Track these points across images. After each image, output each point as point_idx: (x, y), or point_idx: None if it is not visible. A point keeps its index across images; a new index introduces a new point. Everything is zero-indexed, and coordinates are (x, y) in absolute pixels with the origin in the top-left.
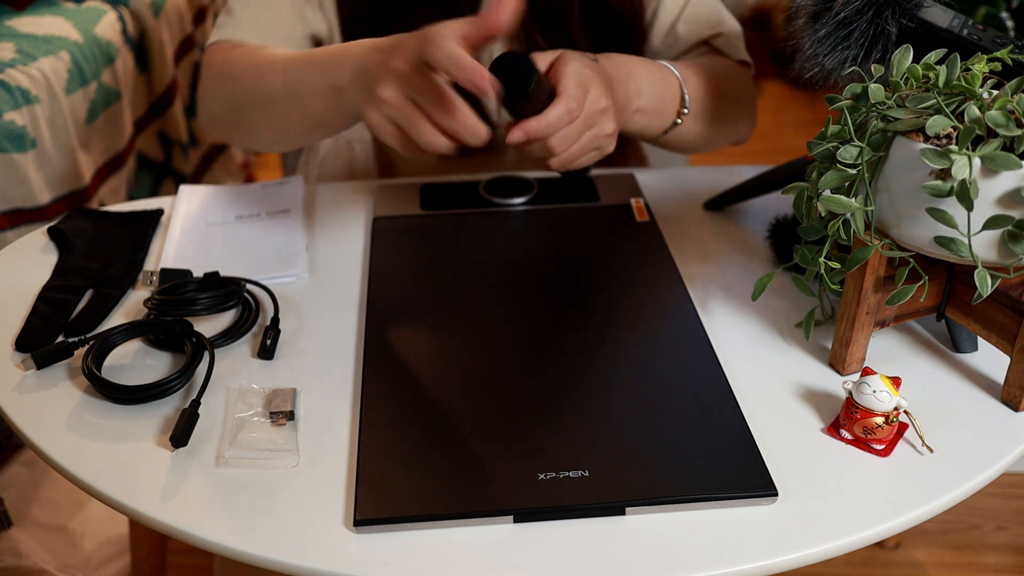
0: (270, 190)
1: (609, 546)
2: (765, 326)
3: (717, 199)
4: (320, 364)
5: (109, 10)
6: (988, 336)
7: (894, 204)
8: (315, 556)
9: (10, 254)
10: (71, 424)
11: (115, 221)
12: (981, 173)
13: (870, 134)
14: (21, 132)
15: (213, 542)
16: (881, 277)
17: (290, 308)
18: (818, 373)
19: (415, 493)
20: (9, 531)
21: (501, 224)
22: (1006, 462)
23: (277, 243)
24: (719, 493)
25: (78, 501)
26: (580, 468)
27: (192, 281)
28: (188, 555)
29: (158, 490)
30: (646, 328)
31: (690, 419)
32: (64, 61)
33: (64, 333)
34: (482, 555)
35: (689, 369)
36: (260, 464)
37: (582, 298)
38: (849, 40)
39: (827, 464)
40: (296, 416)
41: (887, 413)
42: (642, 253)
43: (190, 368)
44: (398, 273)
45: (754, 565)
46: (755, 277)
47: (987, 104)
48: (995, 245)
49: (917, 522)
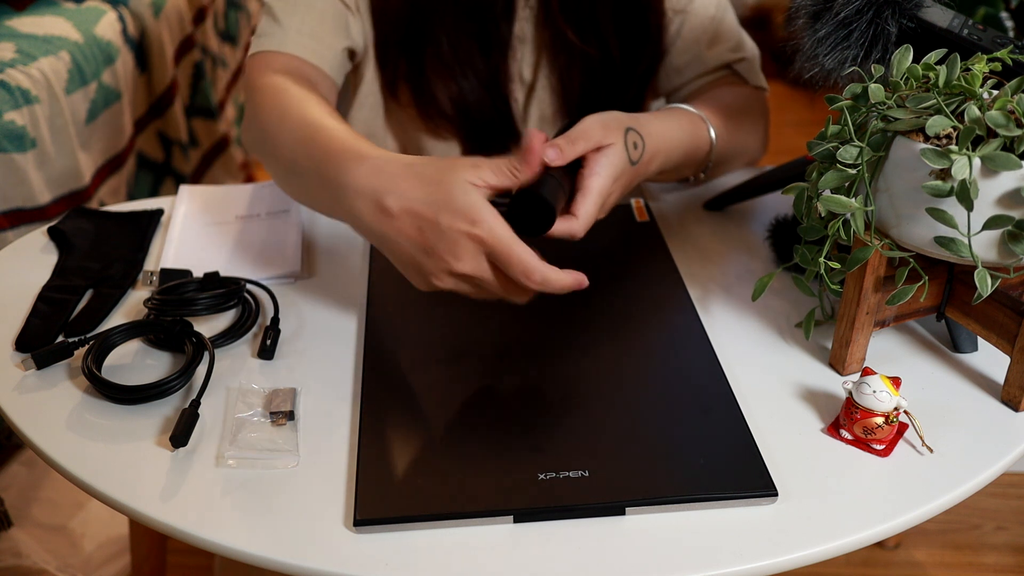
0: (270, 190)
1: (609, 546)
2: (765, 326)
3: (717, 199)
4: (320, 364)
5: (109, 10)
6: (988, 336)
7: (894, 204)
8: (315, 556)
9: (10, 254)
10: (71, 424)
11: (115, 221)
12: (981, 173)
13: (870, 134)
14: (21, 132)
15: (213, 542)
16: (881, 277)
17: (290, 308)
18: (818, 373)
19: (415, 493)
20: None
21: None
22: (1006, 462)
23: (277, 243)
24: (719, 493)
25: (78, 501)
26: (580, 468)
27: (192, 281)
28: (188, 555)
29: (158, 490)
30: (646, 328)
31: (690, 419)
32: (64, 61)
33: (64, 333)
34: (482, 555)
35: (689, 369)
36: (260, 464)
37: (582, 298)
38: (849, 40)
39: (827, 464)
40: (296, 416)
41: (887, 413)
42: (642, 253)
43: (190, 368)
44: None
45: (754, 565)
46: (755, 277)
47: (987, 104)
48: (995, 245)
49: (917, 522)
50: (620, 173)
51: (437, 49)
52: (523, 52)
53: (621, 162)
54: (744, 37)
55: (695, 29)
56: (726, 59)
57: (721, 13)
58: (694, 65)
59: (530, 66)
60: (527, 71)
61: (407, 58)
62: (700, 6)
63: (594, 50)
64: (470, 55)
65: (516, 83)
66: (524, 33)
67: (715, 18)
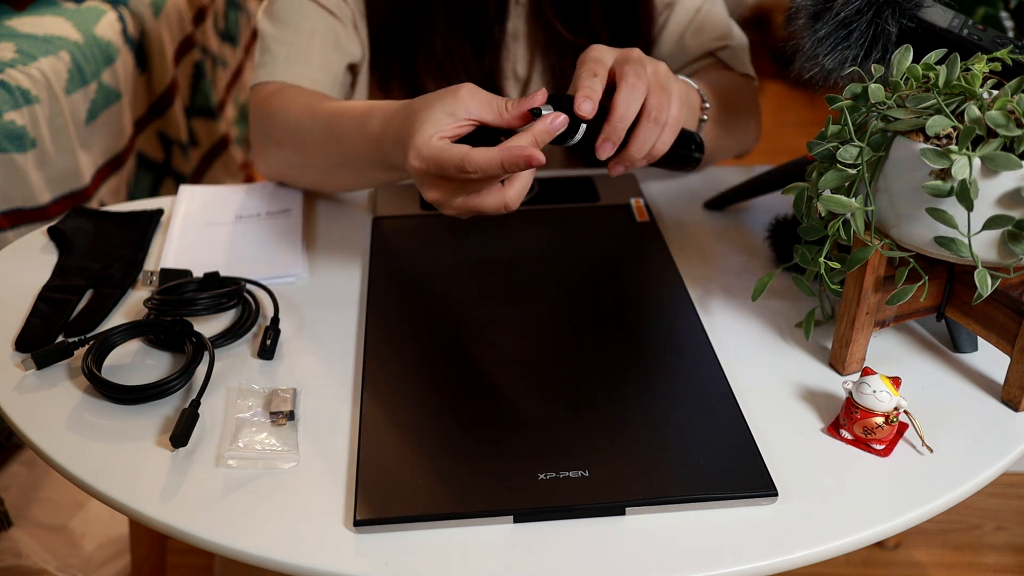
0: (270, 190)
1: (609, 546)
2: (765, 326)
3: (717, 199)
4: (320, 364)
5: (109, 10)
6: (988, 336)
7: (894, 204)
8: (315, 556)
9: (10, 254)
10: (71, 424)
11: (115, 221)
12: (981, 173)
13: (870, 134)
14: (21, 132)
15: (213, 542)
16: (881, 277)
17: (290, 308)
18: (818, 373)
19: (415, 493)
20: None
21: (501, 224)
22: (1006, 462)
23: (277, 243)
24: (719, 493)
25: (78, 501)
26: (580, 468)
27: (192, 281)
28: (188, 555)
29: (158, 490)
30: (646, 328)
31: (690, 419)
32: (64, 61)
33: (64, 333)
34: (482, 555)
35: (689, 369)
36: (260, 464)
37: (582, 298)
38: (849, 40)
39: (827, 464)
40: (296, 416)
41: (887, 413)
42: (642, 253)
43: (190, 368)
44: (398, 273)
45: (754, 565)
46: (755, 277)
47: (987, 104)
48: (995, 245)
49: (917, 522)
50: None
51: (430, 50)
52: (516, 49)
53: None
54: (732, 28)
55: (681, 20)
56: (709, 47)
57: (709, 4)
58: (677, 55)
59: (524, 62)
60: (521, 68)
61: (399, 59)
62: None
63: (584, 42)
64: (463, 56)
65: (510, 80)
66: (517, 30)
67: (701, 9)
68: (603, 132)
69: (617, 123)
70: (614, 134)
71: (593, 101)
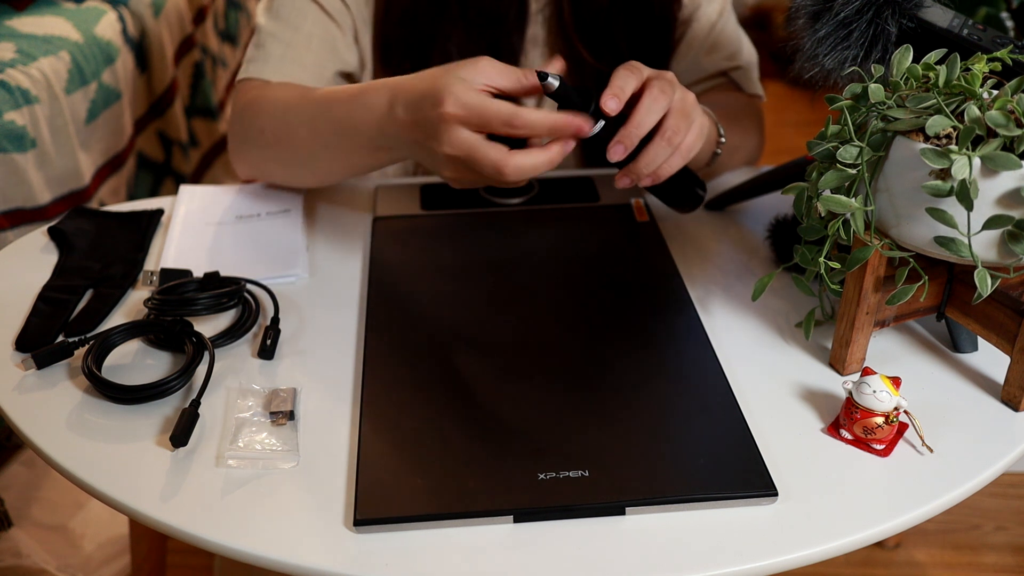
0: (270, 190)
1: (609, 546)
2: (765, 326)
3: (717, 199)
4: (320, 364)
5: (109, 10)
6: (988, 336)
7: (894, 204)
8: (315, 556)
9: (10, 254)
10: (71, 424)
11: (115, 221)
12: (981, 173)
13: (870, 134)
14: (21, 132)
15: (213, 542)
16: (881, 277)
17: (290, 308)
18: (818, 373)
19: (415, 493)
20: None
21: (501, 224)
22: (1006, 462)
23: (277, 243)
24: (719, 493)
25: (78, 501)
26: (580, 468)
27: (192, 281)
28: (188, 555)
29: (158, 490)
30: (646, 328)
31: (690, 419)
32: (64, 61)
33: (64, 333)
34: (482, 555)
35: (689, 369)
36: (260, 464)
37: (582, 298)
38: (849, 40)
39: (827, 464)
40: (296, 416)
41: (887, 413)
42: (642, 253)
43: (190, 368)
44: (398, 273)
45: (754, 565)
46: (755, 277)
47: (987, 104)
48: (995, 245)
49: (917, 522)
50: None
51: (445, 56)
52: (535, 55)
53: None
54: (743, 44)
55: (696, 37)
56: (722, 67)
57: (723, 21)
58: (691, 72)
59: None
60: None
61: (412, 61)
62: (703, 14)
63: (606, 67)
64: None
65: None
66: (536, 36)
67: (715, 25)
68: (618, 135)
69: (633, 129)
70: (628, 139)
71: (620, 100)
